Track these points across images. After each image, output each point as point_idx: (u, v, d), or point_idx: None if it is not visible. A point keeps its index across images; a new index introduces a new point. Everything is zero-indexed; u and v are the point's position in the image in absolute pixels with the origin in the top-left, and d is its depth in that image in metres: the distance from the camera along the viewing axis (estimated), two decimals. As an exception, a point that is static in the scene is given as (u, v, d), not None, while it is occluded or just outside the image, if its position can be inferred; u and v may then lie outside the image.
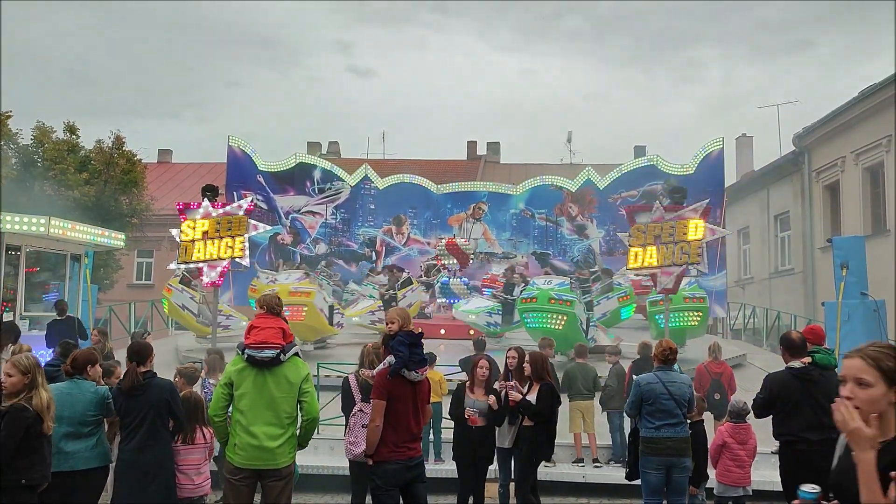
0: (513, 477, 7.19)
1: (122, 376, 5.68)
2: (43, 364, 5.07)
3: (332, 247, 20.54)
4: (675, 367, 9.86)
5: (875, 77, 25.19)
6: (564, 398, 8.22)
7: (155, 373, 5.48)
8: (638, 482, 6.61)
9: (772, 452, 8.57)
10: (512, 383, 7.02)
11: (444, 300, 19.01)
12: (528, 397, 6.95)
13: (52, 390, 5.04)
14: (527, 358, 7.17)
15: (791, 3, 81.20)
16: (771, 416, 5.88)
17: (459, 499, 6.95)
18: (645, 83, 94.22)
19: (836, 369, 5.95)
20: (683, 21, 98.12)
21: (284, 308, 5.47)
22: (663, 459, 6.26)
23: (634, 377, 7.89)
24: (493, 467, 7.71)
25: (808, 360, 5.77)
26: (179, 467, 5.45)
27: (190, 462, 5.45)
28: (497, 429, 7.22)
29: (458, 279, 19.16)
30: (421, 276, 18.98)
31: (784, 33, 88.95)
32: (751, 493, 7.27)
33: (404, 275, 18.07)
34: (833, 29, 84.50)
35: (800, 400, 5.62)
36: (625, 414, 7.87)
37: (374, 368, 5.70)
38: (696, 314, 14.62)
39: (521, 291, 14.97)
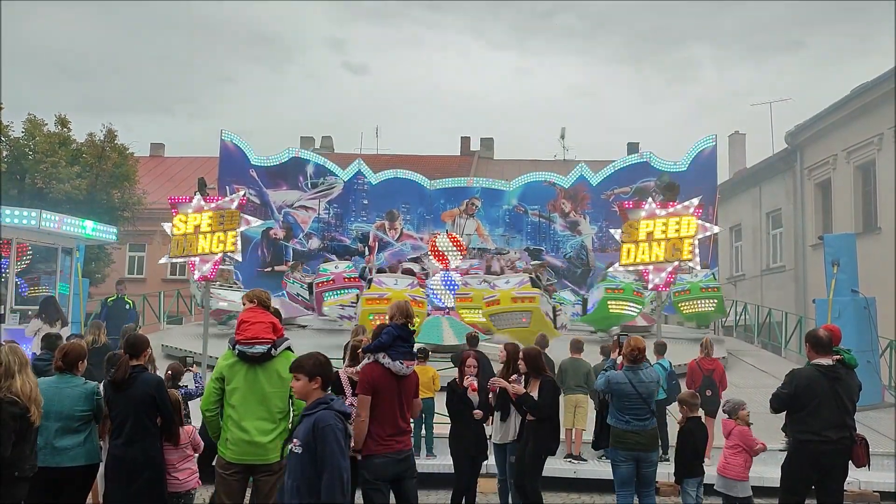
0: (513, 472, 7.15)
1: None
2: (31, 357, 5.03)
3: (325, 242, 20.50)
4: (666, 362, 9.93)
5: (866, 76, 25.32)
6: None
7: (145, 367, 5.44)
8: (606, 458, 6.57)
9: (779, 450, 8.56)
10: (514, 376, 6.99)
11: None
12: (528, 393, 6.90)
13: (39, 384, 5.02)
14: (520, 354, 7.15)
15: (783, 3, 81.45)
16: (782, 413, 5.86)
17: (455, 492, 6.95)
18: (638, 81, 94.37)
19: (856, 369, 5.95)
20: (677, 20, 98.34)
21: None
22: (631, 453, 6.37)
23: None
24: (490, 462, 7.70)
25: (837, 357, 5.75)
26: None
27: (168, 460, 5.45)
28: (493, 425, 7.22)
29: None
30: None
31: (776, 33, 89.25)
32: (750, 493, 7.18)
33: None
34: (825, 29, 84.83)
35: (825, 397, 5.60)
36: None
37: (356, 364, 5.70)
38: (711, 301, 17.11)
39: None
